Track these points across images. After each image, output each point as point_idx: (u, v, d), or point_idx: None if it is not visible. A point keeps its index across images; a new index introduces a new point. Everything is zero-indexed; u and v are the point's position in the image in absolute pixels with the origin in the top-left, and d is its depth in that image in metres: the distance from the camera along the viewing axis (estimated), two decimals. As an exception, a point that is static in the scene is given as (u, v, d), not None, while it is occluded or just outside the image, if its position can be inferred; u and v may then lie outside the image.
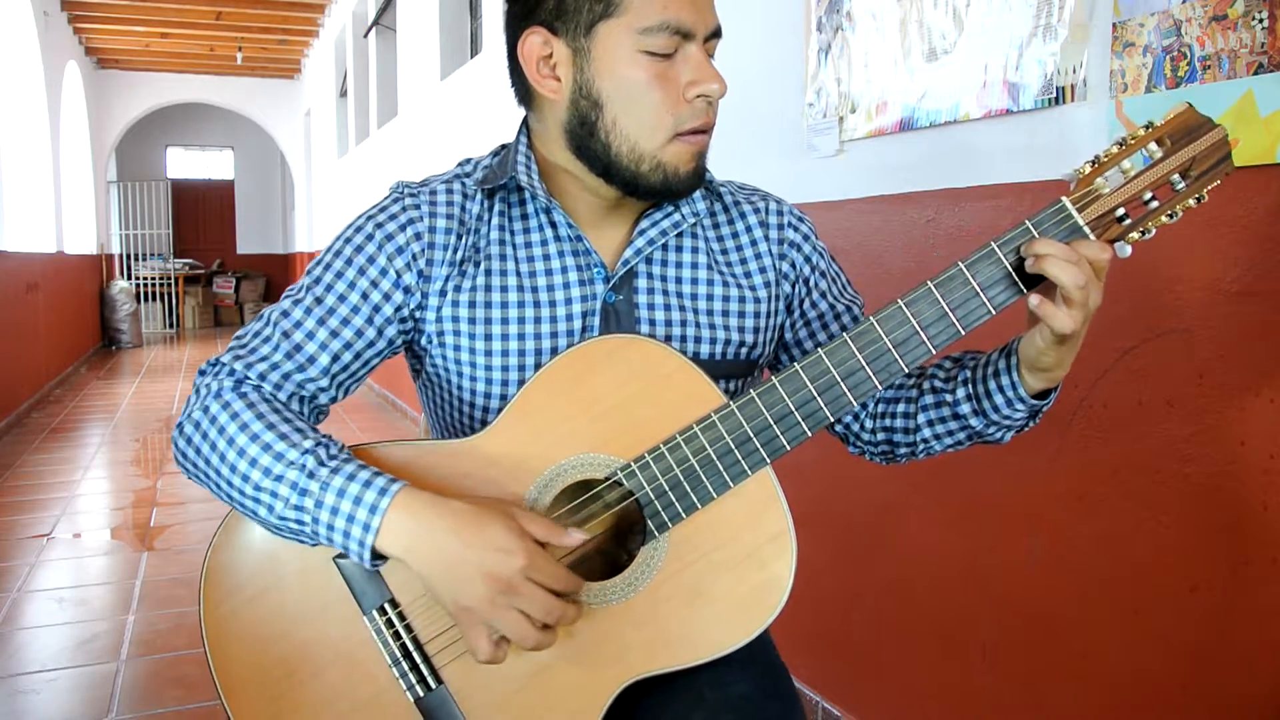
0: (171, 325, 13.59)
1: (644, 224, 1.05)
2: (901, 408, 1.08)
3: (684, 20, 0.94)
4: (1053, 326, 0.88)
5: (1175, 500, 1.39)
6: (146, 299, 13.30)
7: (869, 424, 1.11)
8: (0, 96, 7.42)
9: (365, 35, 8.05)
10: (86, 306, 10.30)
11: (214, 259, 14.71)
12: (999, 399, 0.98)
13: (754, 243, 1.11)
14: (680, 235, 1.07)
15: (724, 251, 1.10)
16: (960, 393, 1.02)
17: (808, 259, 1.12)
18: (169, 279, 13.49)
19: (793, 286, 1.12)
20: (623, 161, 0.97)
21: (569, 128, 0.99)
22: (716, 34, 0.98)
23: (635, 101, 0.95)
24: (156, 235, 13.89)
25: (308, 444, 0.91)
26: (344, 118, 9.69)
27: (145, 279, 13.34)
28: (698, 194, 1.07)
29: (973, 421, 1.02)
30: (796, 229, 1.13)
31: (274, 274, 14.82)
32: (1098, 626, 1.51)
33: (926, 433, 1.05)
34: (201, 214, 15.02)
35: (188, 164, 15.12)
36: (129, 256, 13.45)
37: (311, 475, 0.89)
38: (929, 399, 1.05)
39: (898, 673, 1.98)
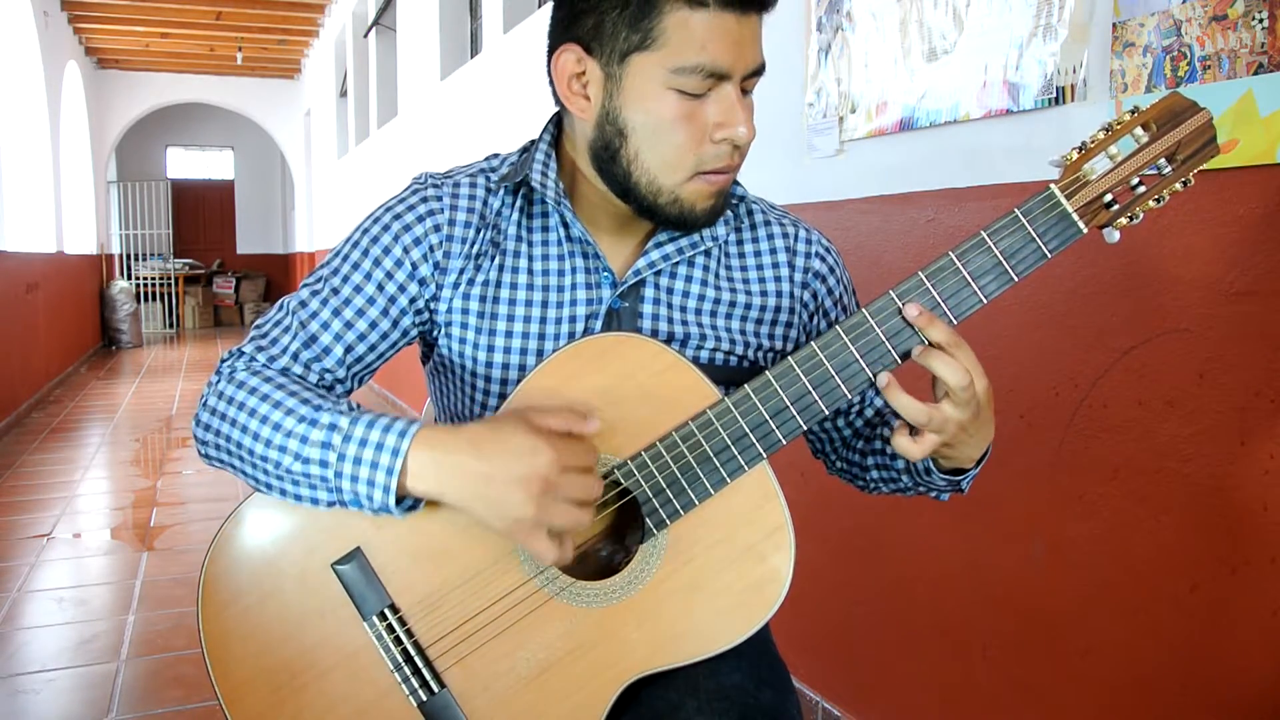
0: (171, 325, 13.59)
1: (660, 236, 1.04)
2: (860, 445, 1.12)
3: (720, 63, 0.92)
4: (898, 448, 0.92)
5: (1175, 500, 1.39)
6: (146, 299, 13.30)
7: (842, 451, 1.15)
8: (0, 96, 7.42)
9: (365, 35, 8.05)
10: (86, 306, 10.29)
11: (214, 259, 14.71)
12: (919, 465, 1.01)
13: (776, 265, 1.11)
14: (695, 254, 1.07)
15: (743, 268, 1.10)
16: None
17: (830, 291, 1.13)
18: (169, 279, 13.49)
19: (811, 317, 1.12)
20: (640, 191, 0.97)
21: (594, 148, 0.99)
22: (758, 72, 0.96)
23: (659, 138, 0.94)
24: (156, 235, 13.89)
25: (341, 403, 0.93)
26: (344, 118, 9.69)
27: (145, 279, 13.34)
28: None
29: (904, 480, 1.05)
30: (824, 259, 1.12)
31: (274, 274, 14.82)
32: (1098, 626, 1.52)
33: (874, 474, 1.10)
34: (201, 214, 15.01)
35: (188, 164, 15.11)
36: (129, 256, 13.45)
37: (343, 413, 0.90)
38: (878, 443, 1.08)
39: (898, 673, 1.98)
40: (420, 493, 0.89)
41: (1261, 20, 1.22)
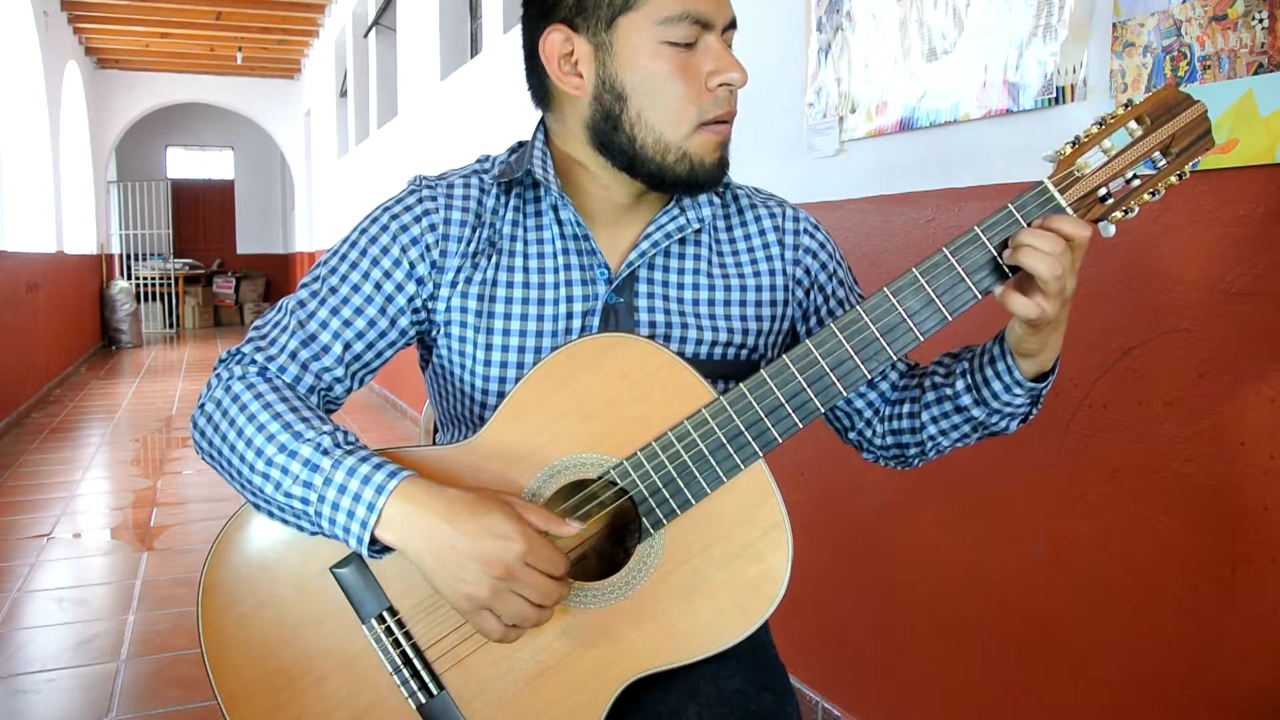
0: (171, 325, 13.59)
1: (650, 228, 1.05)
2: (906, 408, 1.09)
3: (703, 10, 0.95)
4: (1016, 313, 0.90)
5: (1175, 500, 1.39)
6: (146, 299, 13.30)
7: (879, 428, 1.12)
8: (0, 96, 7.42)
9: (365, 35, 8.05)
10: (86, 306, 10.29)
11: (214, 259, 14.71)
12: (997, 385, 0.99)
13: (765, 246, 1.11)
14: (684, 241, 1.08)
15: (734, 253, 1.10)
16: (960, 384, 1.02)
17: (824, 266, 1.13)
18: (169, 279, 13.49)
19: (807, 294, 1.12)
20: (648, 154, 0.98)
21: (592, 124, 1.00)
22: (733, 25, 0.99)
23: (659, 93, 0.96)
24: (156, 235, 13.89)
25: (326, 428, 0.93)
26: (344, 118, 9.69)
27: (145, 279, 13.34)
28: (704, 199, 1.07)
29: (975, 412, 1.02)
30: (813, 236, 1.13)
31: (274, 274, 14.81)
32: (1098, 626, 1.51)
33: (932, 429, 1.06)
34: (201, 214, 15.02)
35: (188, 164, 15.11)
36: (129, 256, 13.45)
37: (326, 453, 0.90)
38: (930, 395, 1.05)
39: (898, 673, 1.98)
40: (387, 541, 0.89)
41: (1261, 20, 1.22)
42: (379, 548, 0.91)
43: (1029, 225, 0.89)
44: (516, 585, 0.86)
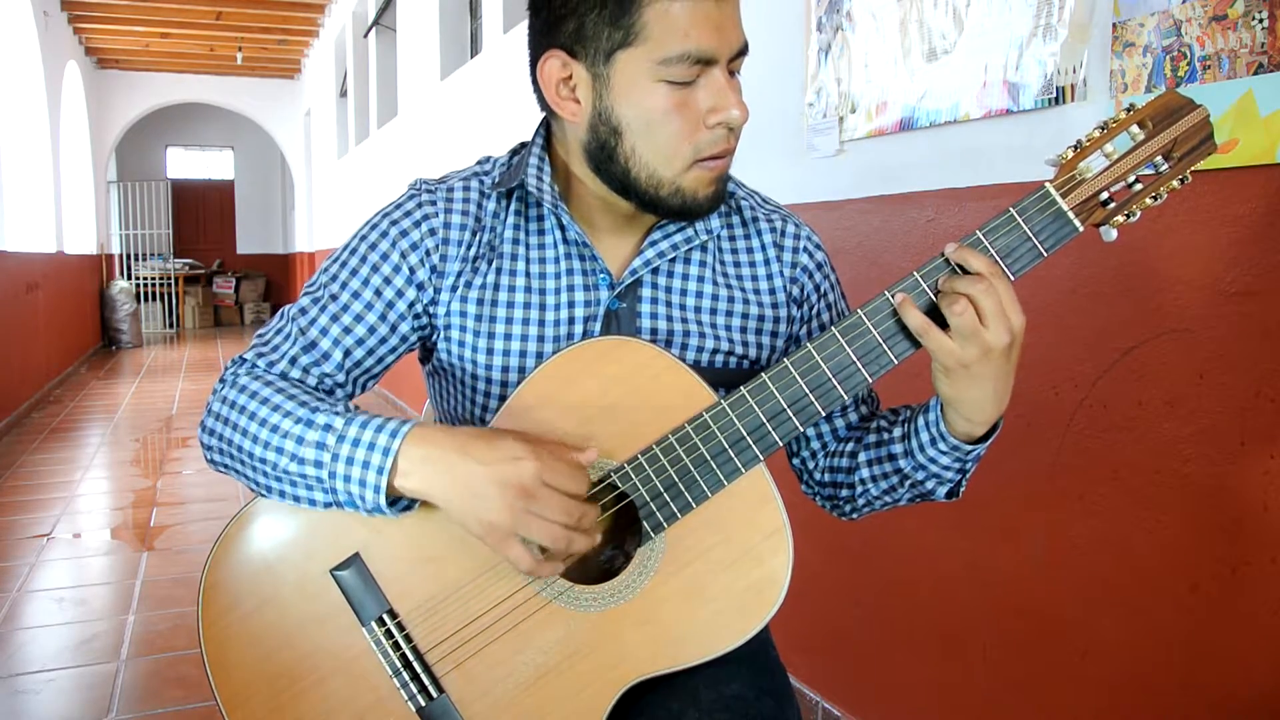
0: (171, 325, 13.58)
1: (655, 235, 1.04)
2: (849, 447, 1.07)
3: (705, 48, 0.91)
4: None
5: (1175, 500, 1.39)
6: (146, 299, 13.29)
7: (821, 462, 1.11)
8: (0, 96, 7.42)
9: (365, 35, 8.05)
10: (86, 306, 10.29)
11: (214, 259, 14.70)
12: (925, 436, 0.97)
13: (766, 261, 1.10)
14: (690, 249, 1.07)
15: (735, 264, 1.10)
16: (896, 431, 1.01)
17: (817, 287, 1.12)
18: (169, 279, 13.48)
19: (797, 308, 1.12)
20: (641, 186, 0.97)
21: (588, 149, 0.98)
22: (742, 52, 0.96)
23: (654, 130, 0.94)
24: (156, 235, 13.88)
25: (339, 406, 0.95)
26: (344, 118, 9.69)
27: (145, 279, 13.34)
28: None
29: (903, 464, 1.00)
30: (811, 255, 1.12)
31: (274, 274, 14.80)
32: (1097, 627, 1.51)
33: (864, 473, 1.04)
34: (201, 214, 15.01)
35: (188, 164, 15.11)
36: (129, 256, 13.45)
37: (339, 415, 0.92)
38: (872, 438, 1.04)
39: (898, 673, 1.98)
40: (409, 491, 0.89)
41: (1261, 20, 1.22)
42: (402, 505, 0.91)
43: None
44: (536, 505, 0.86)
